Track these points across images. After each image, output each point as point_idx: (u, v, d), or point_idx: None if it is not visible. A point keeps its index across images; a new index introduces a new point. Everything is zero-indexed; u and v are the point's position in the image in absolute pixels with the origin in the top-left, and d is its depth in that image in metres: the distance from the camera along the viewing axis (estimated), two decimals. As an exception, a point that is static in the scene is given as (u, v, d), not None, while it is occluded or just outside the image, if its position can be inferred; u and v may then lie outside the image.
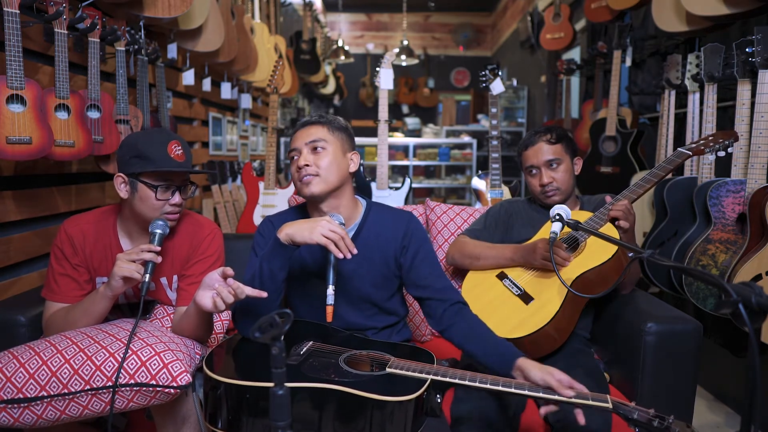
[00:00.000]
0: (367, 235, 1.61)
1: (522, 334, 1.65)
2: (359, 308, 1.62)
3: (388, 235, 1.61)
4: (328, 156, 1.55)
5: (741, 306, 0.83)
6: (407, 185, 3.28)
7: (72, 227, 1.61)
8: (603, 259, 1.69)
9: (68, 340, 1.39)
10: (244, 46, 3.82)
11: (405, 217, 1.65)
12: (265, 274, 1.44)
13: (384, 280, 1.62)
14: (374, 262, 1.60)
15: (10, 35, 1.72)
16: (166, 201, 1.54)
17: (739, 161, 2.27)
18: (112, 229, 1.63)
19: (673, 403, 1.63)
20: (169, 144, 1.52)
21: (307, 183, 1.53)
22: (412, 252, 1.60)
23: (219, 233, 1.72)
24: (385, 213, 1.67)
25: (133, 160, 1.51)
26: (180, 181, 1.57)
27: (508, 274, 1.84)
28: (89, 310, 1.51)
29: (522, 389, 1.28)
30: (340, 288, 1.59)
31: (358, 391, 1.24)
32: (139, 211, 1.56)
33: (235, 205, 3.98)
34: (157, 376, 1.34)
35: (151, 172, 1.51)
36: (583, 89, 5.19)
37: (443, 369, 1.34)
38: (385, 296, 1.64)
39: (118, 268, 1.43)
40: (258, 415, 1.26)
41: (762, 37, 2.07)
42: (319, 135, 1.57)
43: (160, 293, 1.68)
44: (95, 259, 1.61)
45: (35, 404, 1.31)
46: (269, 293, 1.43)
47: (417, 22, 10.16)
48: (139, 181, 1.52)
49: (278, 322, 0.84)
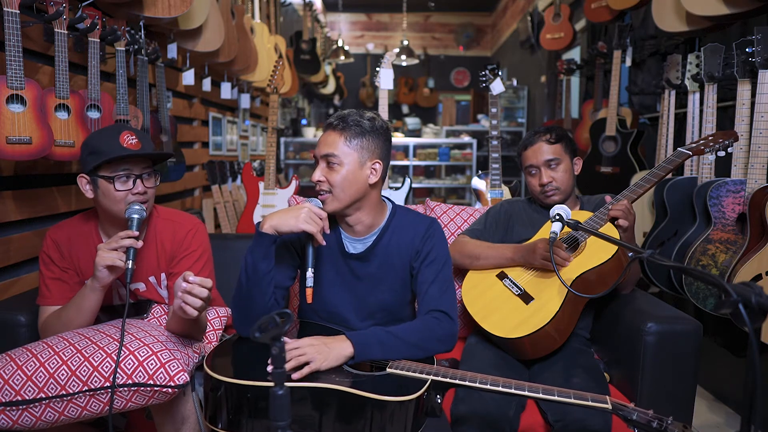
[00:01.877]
0: (388, 241, 1.58)
1: (522, 334, 1.65)
2: (373, 316, 1.60)
3: (408, 240, 1.57)
4: (341, 172, 1.47)
5: (741, 306, 0.83)
6: (407, 185, 3.28)
7: (56, 233, 1.64)
8: (603, 259, 1.69)
9: (65, 342, 1.39)
10: (244, 46, 3.82)
11: (424, 222, 1.60)
12: (249, 266, 1.45)
13: (402, 286, 1.60)
14: (394, 266, 1.58)
15: (10, 35, 1.72)
16: (127, 191, 1.53)
17: (739, 161, 2.27)
18: (94, 231, 1.65)
19: (673, 403, 1.62)
20: (122, 135, 1.52)
21: (323, 200, 1.51)
22: (423, 255, 1.56)
23: (202, 228, 1.71)
24: (409, 218, 1.62)
25: (89, 157, 1.52)
26: (140, 170, 1.55)
27: (508, 274, 1.84)
28: (81, 307, 1.51)
29: (522, 390, 1.28)
30: (356, 295, 1.58)
31: (359, 391, 1.23)
32: (106, 208, 1.56)
33: (235, 205, 3.98)
34: (154, 376, 1.34)
35: (108, 165, 1.51)
36: (583, 89, 5.18)
37: (443, 369, 1.34)
38: (402, 303, 1.63)
39: (99, 258, 1.45)
40: (258, 415, 1.26)
41: (762, 37, 2.07)
42: (333, 148, 1.48)
43: (152, 293, 1.68)
44: (82, 262, 1.63)
45: (34, 406, 1.31)
46: (255, 287, 1.44)
47: (417, 22, 10.16)
48: (98, 177, 1.52)
49: (278, 322, 0.84)
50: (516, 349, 1.71)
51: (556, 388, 1.28)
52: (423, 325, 1.49)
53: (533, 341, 1.66)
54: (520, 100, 8.04)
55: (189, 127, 3.71)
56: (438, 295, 1.52)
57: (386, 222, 1.59)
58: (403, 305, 1.63)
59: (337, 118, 1.52)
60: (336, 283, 1.59)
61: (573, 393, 1.25)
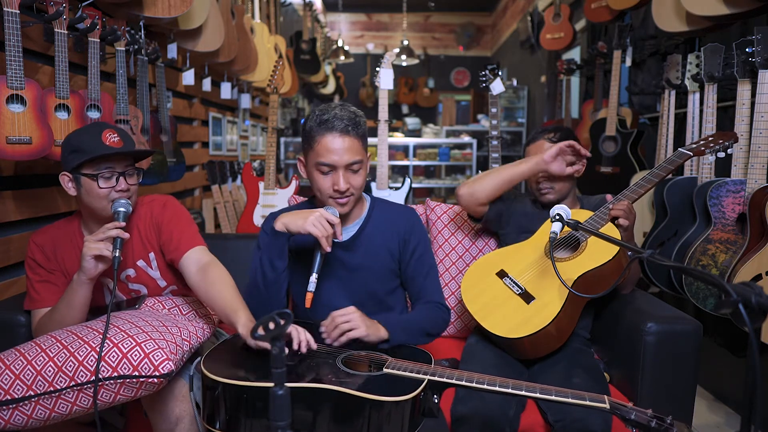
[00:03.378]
0: (372, 231, 1.64)
1: (523, 334, 1.64)
2: (363, 305, 1.61)
3: (392, 230, 1.64)
4: (362, 174, 1.55)
5: (741, 306, 0.83)
6: (407, 185, 3.28)
7: (39, 237, 1.65)
8: (605, 260, 1.69)
9: (52, 339, 1.39)
10: (244, 46, 3.82)
11: (408, 213, 1.70)
12: (265, 264, 1.49)
13: (389, 273, 1.66)
14: (379, 255, 1.63)
15: (10, 35, 1.72)
16: (111, 188, 1.53)
17: (739, 161, 2.27)
18: (77, 231, 1.65)
19: (673, 403, 1.63)
20: (103, 133, 1.52)
21: (342, 204, 1.54)
22: (411, 247, 1.64)
23: (171, 198, 1.73)
24: (389, 208, 1.71)
25: (71, 156, 1.52)
26: (122, 167, 1.56)
27: (509, 273, 1.83)
28: (71, 303, 1.52)
29: (519, 389, 1.27)
30: (346, 285, 1.63)
31: (355, 391, 1.23)
32: (90, 206, 1.56)
33: (235, 205, 3.99)
34: (138, 367, 1.33)
35: (90, 163, 1.51)
36: (583, 89, 5.18)
37: (440, 369, 1.34)
38: (389, 289, 1.67)
39: (87, 249, 1.45)
40: (256, 415, 1.25)
41: (762, 37, 2.07)
42: (358, 155, 1.52)
43: (142, 277, 1.68)
44: (67, 263, 1.63)
45: (23, 404, 1.32)
46: (273, 284, 1.49)
47: (417, 22, 10.16)
48: (81, 175, 1.52)
49: (278, 322, 0.84)
50: (516, 348, 1.71)
51: (554, 388, 1.27)
52: (432, 313, 1.62)
53: (534, 341, 1.66)
54: (520, 100, 8.04)
55: (189, 127, 3.71)
56: (433, 289, 1.67)
57: (367, 213, 1.66)
58: (390, 293, 1.67)
59: (348, 121, 1.51)
60: (325, 274, 1.62)
61: (571, 393, 1.25)
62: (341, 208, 1.55)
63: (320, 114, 1.51)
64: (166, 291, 1.73)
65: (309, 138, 1.53)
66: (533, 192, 1.99)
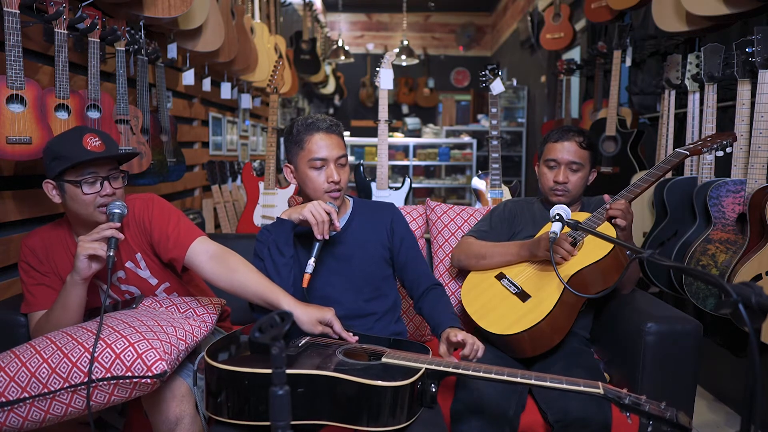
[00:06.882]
0: (359, 224, 1.72)
1: (517, 330, 1.66)
2: (360, 291, 1.68)
3: (377, 221, 1.74)
4: (347, 170, 1.67)
5: (741, 306, 0.83)
6: (407, 185, 3.27)
7: (31, 240, 1.64)
8: (599, 256, 1.69)
9: (47, 340, 1.39)
10: (244, 46, 3.82)
11: (388, 206, 1.80)
12: (274, 253, 1.59)
13: (381, 260, 1.72)
14: (370, 243, 1.71)
15: (10, 35, 1.72)
16: (96, 194, 1.52)
17: (739, 161, 2.27)
18: (68, 234, 1.65)
19: (673, 403, 1.62)
20: (84, 137, 1.50)
21: (335, 198, 1.64)
22: (398, 236, 1.74)
23: (154, 196, 1.71)
24: (370, 204, 1.82)
25: (53, 163, 1.51)
26: (106, 172, 1.54)
27: (506, 274, 1.84)
28: (66, 304, 1.52)
29: (514, 377, 1.29)
30: (342, 273, 1.68)
31: (354, 377, 1.25)
32: (75, 212, 1.55)
33: (235, 205, 3.99)
34: (131, 367, 1.33)
35: (73, 169, 1.50)
36: (583, 89, 5.18)
37: (437, 358, 1.38)
38: (383, 276, 1.73)
39: (81, 248, 1.45)
40: (262, 402, 1.27)
41: (762, 37, 2.07)
42: (343, 150, 1.65)
43: (133, 278, 1.67)
44: (60, 266, 1.62)
45: (18, 406, 1.31)
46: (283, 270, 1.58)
47: (417, 22, 10.16)
48: (64, 182, 1.51)
49: (278, 322, 0.84)
50: (513, 346, 1.71)
51: (549, 375, 1.28)
52: (446, 296, 1.73)
53: (530, 338, 1.67)
54: (520, 100, 8.04)
55: (189, 127, 3.71)
56: (428, 271, 1.77)
57: (352, 209, 1.75)
58: (384, 279, 1.73)
59: (330, 122, 1.65)
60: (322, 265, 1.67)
61: (566, 380, 1.25)
62: (335, 201, 1.63)
63: (304, 120, 1.65)
64: (159, 289, 1.72)
65: (298, 141, 1.63)
66: (545, 192, 1.98)
